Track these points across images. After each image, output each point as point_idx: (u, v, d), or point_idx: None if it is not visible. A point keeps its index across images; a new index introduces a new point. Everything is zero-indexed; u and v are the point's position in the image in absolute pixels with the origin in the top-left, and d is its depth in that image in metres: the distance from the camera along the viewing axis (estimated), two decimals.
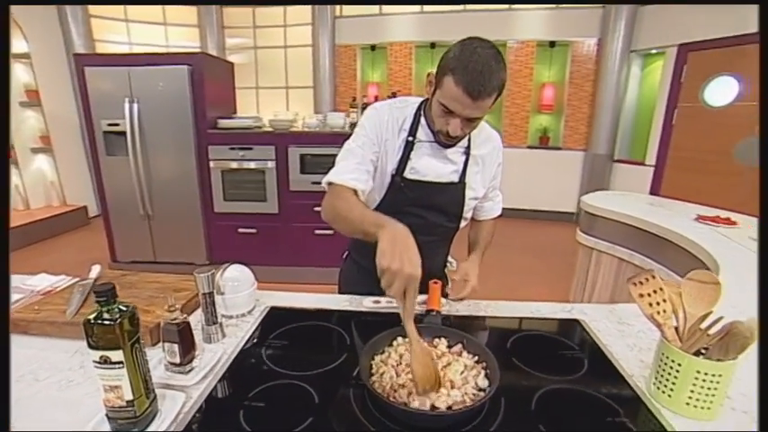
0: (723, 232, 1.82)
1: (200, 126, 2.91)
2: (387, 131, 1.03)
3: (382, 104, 1.07)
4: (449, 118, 0.90)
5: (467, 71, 0.82)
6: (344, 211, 0.93)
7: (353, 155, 1.02)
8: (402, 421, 0.63)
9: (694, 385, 0.65)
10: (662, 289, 0.72)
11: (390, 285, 0.71)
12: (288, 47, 5.52)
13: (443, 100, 0.87)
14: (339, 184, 0.98)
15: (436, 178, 1.05)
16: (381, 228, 0.79)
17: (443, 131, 0.93)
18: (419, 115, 1.03)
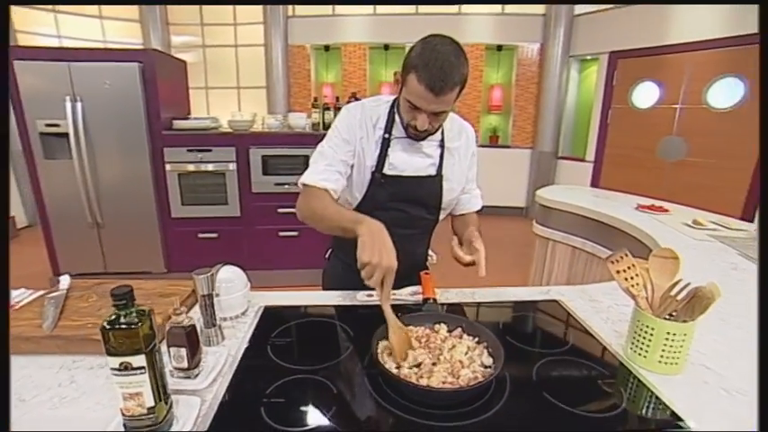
0: (660, 219, 2.05)
1: (153, 127, 2.75)
2: (360, 130, 1.06)
3: (355, 105, 1.11)
4: (415, 113, 0.94)
5: (427, 68, 0.86)
6: (320, 209, 1.00)
7: (324, 156, 1.06)
8: (423, 401, 0.67)
9: (665, 345, 0.75)
10: (634, 265, 0.82)
11: (370, 276, 0.81)
12: (239, 46, 5.34)
13: (409, 97, 0.92)
14: (311, 185, 1.03)
15: (414, 172, 1.09)
16: (359, 224, 0.87)
17: (412, 124, 0.98)
18: (393, 112, 1.07)
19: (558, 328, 0.95)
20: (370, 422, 0.65)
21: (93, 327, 0.85)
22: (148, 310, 0.59)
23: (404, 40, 5.29)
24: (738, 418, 0.66)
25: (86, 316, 0.91)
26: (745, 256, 1.50)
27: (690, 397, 0.71)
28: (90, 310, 0.94)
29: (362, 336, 0.89)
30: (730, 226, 1.93)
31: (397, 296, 1.08)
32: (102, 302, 0.98)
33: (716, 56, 3.83)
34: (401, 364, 0.74)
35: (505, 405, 0.67)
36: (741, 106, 3.73)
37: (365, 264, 0.80)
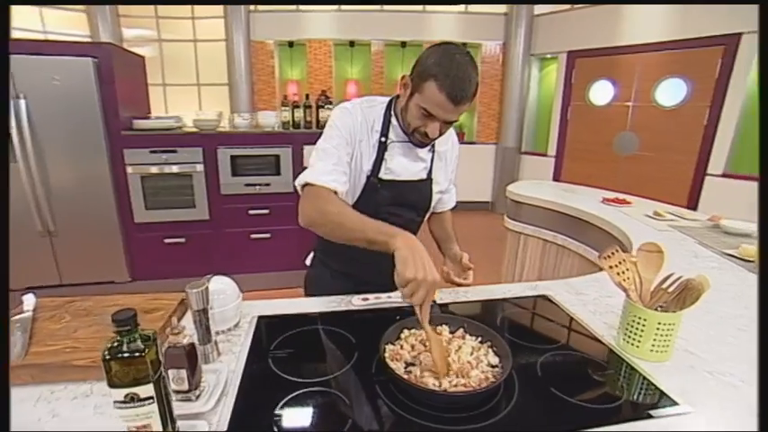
0: (624, 211, 2.17)
1: (111, 127, 2.57)
2: (360, 132, 1.03)
3: (353, 104, 1.06)
4: (428, 121, 0.93)
5: (449, 78, 0.86)
6: (337, 216, 0.91)
7: (329, 155, 1.00)
8: (439, 405, 0.67)
9: (656, 335, 0.80)
10: (624, 260, 0.86)
11: (414, 293, 0.74)
12: (198, 41, 5.10)
13: (425, 104, 0.91)
14: (319, 185, 0.96)
15: (409, 177, 1.09)
16: (393, 237, 0.80)
17: (421, 133, 0.97)
18: (389, 115, 1.05)
19: (551, 323, 0.99)
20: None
21: (73, 351, 0.79)
22: (153, 334, 0.55)
23: (369, 37, 5.27)
24: (725, 398, 0.72)
25: (62, 339, 0.83)
26: (703, 245, 1.63)
27: (680, 381, 0.76)
28: (65, 332, 0.86)
29: (366, 342, 0.88)
30: (685, 216, 2.08)
31: (392, 299, 1.08)
32: (78, 323, 0.90)
33: (662, 57, 4.10)
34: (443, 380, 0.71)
35: (518, 403, 0.69)
36: (684, 105, 4.03)
37: (409, 280, 0.73)
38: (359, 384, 0.74)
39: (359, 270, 1.17)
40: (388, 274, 1.16)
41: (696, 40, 3.85)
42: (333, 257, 1.21)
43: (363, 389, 0.73)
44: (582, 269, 2.27)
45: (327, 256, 1.23)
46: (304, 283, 1.29)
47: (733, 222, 1.85)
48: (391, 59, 5.53)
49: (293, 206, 3.23)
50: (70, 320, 0.92)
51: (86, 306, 0.99)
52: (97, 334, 0.85)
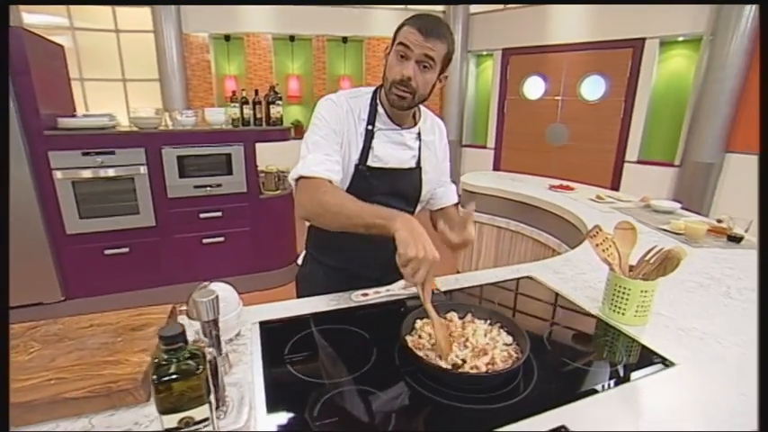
0: (570, 196, 2.39)
1: (30, 127, 2.25)
2: (347, 122, 1.04)
3: (338, 95, 1.07)
4: (404, 62, 0.95)
5: (419, 19, 0.93)
6: (335, 205, 0.91)
7: (319, 147, 1.00)
8: (472, 388, 0.70)
9: (639, 302, 0.91)
10: (607, 238, 0.96)
11: (416, 273, 0.77)
12: (120, 31, 4.62)
13: (400, 39, 0.94)
14: (314, 176, 0.96)
15: (398, 165, 1.10)
16: (392, 220, 0.82)
17: (398, 79, 0.96)
18: (375, 104, 1.06)
19: (540, 301, 1.07)
20: (432, 420, 0.66)
21: (59, 383, 0.68)
22: (201, 350, 0.51)
23: (309, 32, 5.16)
24: (698, 350, 0.84)
25: (38, 371, 0.71)
26: (642, 222, 1.85)
27: (661, 340, 0.87)
28: (39, 362, 0.74)
29: (381, 335, 0.89)
30: (621, 198, 2.34)
31: (391, 292, 1.09)
32: (52, 351, 0.78)
33: (584, 56, 4.53)
34: (449, 360, 0.75)
35: (540, 375, 0.75)
36: (604, 99, 4.50)
37: (410, 259, 0.75)
38: (389, 377, 0.75)
39: (351, 264, 1.17)
40: (379, 265, 1.19)
41: (610, 42, 4.31)
42: (325, 253, 1.20)
43: (394, 381, 0.74)
44: (536, 253, 2.46)
45: (320, 253, 1.21)
46: (296, 283, 1.26)
47: (660, 202, 2.13)
48: (333, 55, 5.47)
49: (247, 207, 3.09)
50: (41, 349, 0.79)
51: (56, 330, 0.87)
52: (81, 360, 0.75)
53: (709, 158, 3.81)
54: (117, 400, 0.67)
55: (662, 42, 4.09)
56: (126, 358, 0.75)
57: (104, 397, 0.67)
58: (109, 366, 0.73)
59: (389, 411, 0.67)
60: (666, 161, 4.18)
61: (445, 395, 0.69)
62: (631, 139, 4.32)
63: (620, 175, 4.41)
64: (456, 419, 0.65)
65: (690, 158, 3.90)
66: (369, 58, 5.45)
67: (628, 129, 4.31)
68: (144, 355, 0.76)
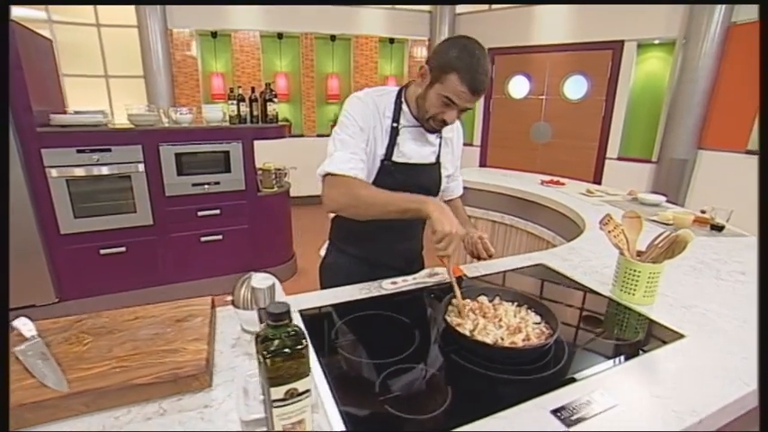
0: (562, 191, 2.50)
1: (23, 123, 2.20)
2: (373, 119, 1.10)
3: (366, 93, 1.13)
4: (447, 109, 1.03)
5: (470, 72, 0.97)
6: (369, 197, 1.01)
7: (346, 145, 1.07)
8: (515, 361, 0.77)
9: (647, 283, 1.00)
10: (617, 226, 1.05)
11: (448, 245, 0.91)
12: (102, 26, 4.48)
13: (446, 93, 1.00)
14: (341, 174, 1.03)
15: (420, 160, 1.17)
16: (425, 203, 0.94)
17: (438, 119, 1.06)
18: (399, 103, 1.13)
19: (556, 285, 1.15)
20: (482, 391, 0.73)
21: (123, 371, 0.71)
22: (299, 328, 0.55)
23: (298, 30, 5.14)
24: (702, 324, 0.93)
25: (100, 361, 0.74)
26: None
27: (667, 316, 0.96)
28: (98, 352, 0.77)
29: (419, 319, 0.95)
30: (609, 192, 2.47)
31: (418, 280, 1.15)
32: (107, 342, 0.80)
33: (567, 57, 4.70)
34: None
35: (569, 350, 0.82)
36: (586, 99, 4.68)
37: (446, 234, 0.89)
38: (436, 355, 0.81)
39: (375, 253, 1.24)
40: (401, 255, 1.27)
41: (591, 44, 4.49)
42: (350, 243, 1.25)
43: (441, 358, 0.80)
44: (530, 245, 2.57)
45: (345, 243, 1.27)
46: (320, 274, 1.31)
47: (646, 195, 2.26)
48: (321, 53, 5.47)
49: (246, 204, 3.11)
50: (94, 340, 0.81)
51: (102, 323, 0.89)
52: (138, 350, 0.78)
53: (684, 155, 4.03)
54: (183, 386, 0.70)
55: (639, 45, 4.29)
56: (182, 347, 0.78)
57: (171, 383, 0.70)
58: (168, 355, 0.76)
59: (444, 384, 0.73)
60: (644, 158, 4.39)
61: (490, 368, 0.75)
62: (612, 136, 4.52)
63: (602, 170, 4.61)
64: (502, 390, 0.72)
65: (666, 155, 4.12)
66: (357, 56, 5.48)
67: (608, 127, 4.51)
68: (199, 343, 0.79)
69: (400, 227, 1.20)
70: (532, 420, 0.64)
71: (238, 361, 0.80)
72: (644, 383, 0.73)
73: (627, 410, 0.66)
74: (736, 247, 1.51)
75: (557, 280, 1.18)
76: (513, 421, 0.63)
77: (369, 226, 1.07)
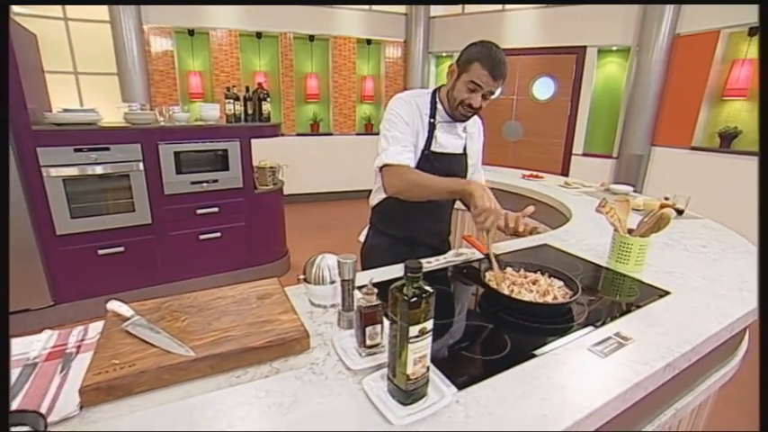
0: (543, 183, 2.76)
1: (17, 122, 2.15)
2: (415, 116, 1.30)
3: (407, 95, 1.34)
4: (473, 94, 1.22)
5: (489, 59, 1.18)
6: (422, 180, 1.21)
7: (397, 140, 1.26)
8: (552, 313, 0.96)
9: (638, 254, 1.22)
10: (612, 208, 1.27)
11: (487, 219, 1.10)
12: (70, 19, 4.31)
13: (471, 78, 1.19)
14: (398, 164, 1.23)
15: (452, 150, 1.38)
16: (468, 184, 1.14)
17: (465, 105, 1.24)
18: (434, 101, 1.33)
19: (564, 259, 1.36)
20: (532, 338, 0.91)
21: (234, 338, 0.81)
22: (424, 281, 0.67)
23: (276, 29, 5.16)
24: (682, 285, 1.16)
25: (206, 333, 0.84)
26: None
27: (654, 279, 1.19)
28: (199, 326, 0.86)
29: (460, 290, 1.12)
30: (585, 184, 2.76)
31: (447, 259, 1.32)
32: (201, 318, 0.89)
33: (535, 60, 5.05)
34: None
35: (587, 306, 1.02)
36: (553, 99, 5.05)
37: (485, 209, 1.06)
38: (487, 315, 0.99)
39: (413, 233, 1.42)
40: (436, 235, 1.46)
41: (558, 48, 4.85)
42: (393, 226, 1.42)
43: (489, 316, 0.98)
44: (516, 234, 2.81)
45: (388, 226, 1.43)
46: (361, 256, 1.45)
47: (616, 186, 2.56)
48: (300, 52, 5.52)
49: (243, 202, 3.18)
50: (189, 317, 0.90)
51: (189, 303, 0.95)
52: (237, 322, 0.87)
53: (640, 151, 4.47)
54: (288, 349, 0.82)
55: (599, 50, 4.70)
56: (276, 318, 0.90)
57: (279, 346, 0.81)
58: (266, 325, 0.87)
59: (501, 334, 0.90)
60: (606, 153, 4.82)
61: (532, 321, 0.94)
62: (577, 134, 4.91)
63: (569, 165, 4.99)
64: (545, 335, 0.90)
65: (624, 151, 4.55)
66: (335, 56, 5.58)
67: (574, 125, 4.90)
68: (290, 314, 0.91)
69: (434, 210, 1.38)
70: (576, 355, 0.82)
71: (321, 329, 0.92)
72: (648, 326, 0.94)
73: (641, 344, 0.86)
74: (695, 227, 1.80)
75: (561, 256, 1.39)
76: (563, 356, 0.81)
77: (408, 209, 1.28)
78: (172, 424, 0.64)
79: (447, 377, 0.73)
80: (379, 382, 0.72)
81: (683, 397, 1.03)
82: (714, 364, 1.14)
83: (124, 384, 0.71)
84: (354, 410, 0.67)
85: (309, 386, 0.73)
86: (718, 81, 4.01)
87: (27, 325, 2.35)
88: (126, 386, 0.71)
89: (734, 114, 4.01)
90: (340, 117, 5.91)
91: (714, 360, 1.12)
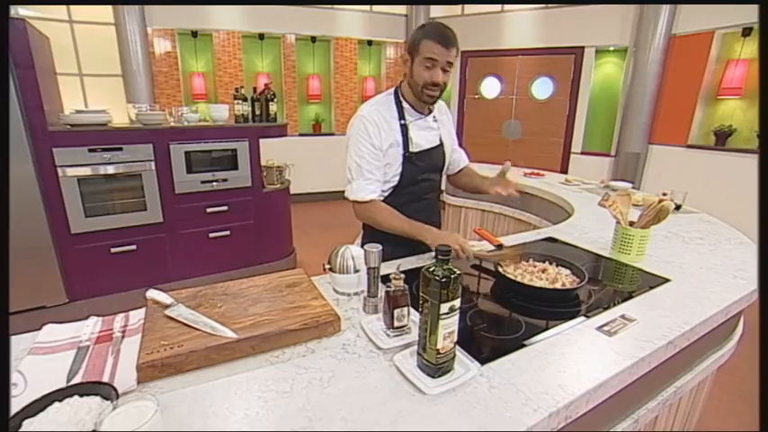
0: (544, 180, 2.84)
1: (34, 122, 2.21)
2: (383, 131, 1.28)
3: (368, 111, 1.29)
4: (432, 71, 1.21)
5: (436, 32, 1.19)
6: (384, 222, 1.29)
7: (360, 171, 1.28)
8: (561, 298, 1.03)
9: (639, 245, 1.30)
10: (614, 202, 1.34)
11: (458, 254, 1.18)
12: (75, 22, 4.35)
13: (426, 55, 1.19)
14: (360, 200, 1.29)
15: (429, 144, 1.38)
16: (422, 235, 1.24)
17: (429, 82, 1.22)
18: (399, 101, 1.32)
19: (569, 251, 1.43)
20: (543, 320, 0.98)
21: (272, 322, 0.87)
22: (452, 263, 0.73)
23: (279, 30, 5.22)
24: (680, 272, 1.24)
25: (245, 317, 0.90)
26: None
27: (655, 268, 1.26)
28: (236, 312, 0.92)
29: (468, 280, 1.19)
30: (585, 181, 2.84)
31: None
32: (236, 305, 0.95)
33: (534, 60, 5.13)
34: None
35: (593, 292, 1.09)
36: (552, 99, 5.13)
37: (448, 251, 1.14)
38: (501, 300, 1.06)
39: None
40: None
41: (556, 49, 4.93)
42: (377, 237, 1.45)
43: (504, 301, 1.05)
44: (517, 230, 2.89)
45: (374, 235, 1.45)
46: None
47: (616, 183, 2.64)
48: (302, 53, 5.57)
49: (252, 201, 3.23)
50: (224, 304, 0.96)
51: (222, 292, 1.01)
52: (272, 308, 0.93)
53: (637, 149, 4.56)
54: (322, 331, 0.89)
55: (597, 51, 4.78)
56: (307, 303, 0.96)
57: (314, 328, 0.88)
58: (299, 309, 0.94)
59: (514, 316, 0.97)
60: (604, 152, 4.91)
61: (543, 305, 1.01)
62: (575, 133, 5.00)
63: (568, 163, 5.08)
64: (556, 317, 0.97)
65: (622, 149, 4.64)
66: (337, 57, 5.64)
67: (572, 124, 4.99)
68: (321, 300, 0.98)
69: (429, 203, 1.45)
70: (585, 335, 0.89)
71: (348, 314, 0.99)
72: (651, 308, 1.01)
73: (645, 325, 0.93)
74: (693, 221, 1.88)
75: (566, 248, 1.46)
76: (572, 336, 0.89)
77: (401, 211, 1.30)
78: (223, 396, 0.71)
79: (470, 355, 0.80)
80: (408, 359, 0.79)
81: (683, 375, 1.10)
82: (711, 346, 1.22)
83: (176, 362, 0.78)
84: (388, 383, 0.74)
85: (344, 363, 0.80)
86: (712, 80, 4.11)
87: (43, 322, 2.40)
88: (177, 364, 0.78)
89: (728, 113, 4.10)
90: (342, 117, 5.96)
91: (711, 342, 1.20)
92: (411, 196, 1.38)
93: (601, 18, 4.62)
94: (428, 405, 0.68)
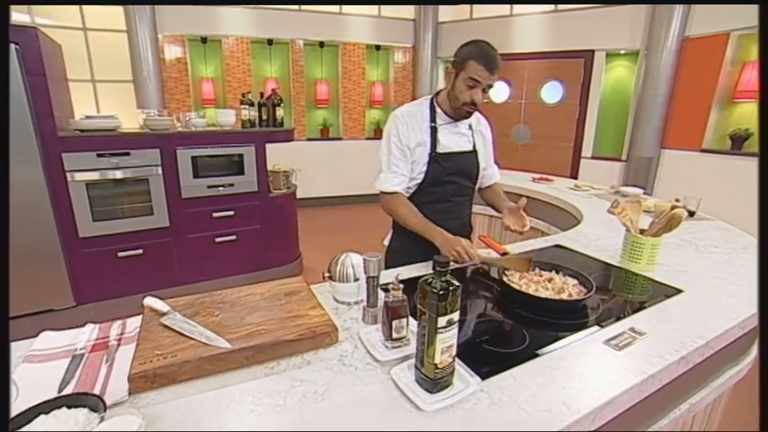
0: (553, 186, 2.79)
1: (44, 128, 2.24)
2: (412, 130, 1.36)
3: (402, 110, 1.40)
4: (473, 90, 1.27)
5: (483, 54, 1.24)
6: (402, 216, 1.37)
7: (388, 165, 1.37)
8: (568, 309, 1.00)
9: (650, 253, 1.25)
10: (624, 208, 1.30)
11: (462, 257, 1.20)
12: (89, 29, 4.43)
13: (469, 75, 1.25)
14: (386, 191, 1.37)
15: (458, 148, 1.42)
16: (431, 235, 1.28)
17: (468, 102, 1.29)
18: (434, 106, 1.39)
19: (577, 259, 1.39)
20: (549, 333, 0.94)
21: (267, 332, 0.85)
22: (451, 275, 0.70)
23: (287, 36, 5.26)
24: (693, 282, 1.19)
25: (240, 326, 0.88)
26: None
27: (666, 278, 1.22)
28: (232, 321, 0.90)
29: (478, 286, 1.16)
30: (594, 187, 2.78)
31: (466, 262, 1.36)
32: (234, 313, 0.94)
33: (543, 64, 5.08)
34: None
35: (602, 303, 1.05)
36: (562, 103, 5.07)
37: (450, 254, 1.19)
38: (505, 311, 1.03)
39: None
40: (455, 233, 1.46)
41: (565, 52, 4.88)
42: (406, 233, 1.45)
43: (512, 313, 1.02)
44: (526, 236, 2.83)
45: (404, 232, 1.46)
46: (385, 257, 1.49)
47: (627, 188, 2.58)
48: (310, 59, 5.61)
49: (258, 205, 3.24)
50: (222, 312, 0.94)
51: (219, 300, 1.00)
52: (269, 317, 0.91)
53: (649, 153, 4.47)
54: (318, 342, 0.86)
55: (607, 54, 4.72)
56: (305, 313, 0.94)
57: (310, 339, 0.86)
58: (296, 319, 0.91)
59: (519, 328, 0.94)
60: (615, 156, 4.82)
61: (548, 317, 0.97)
62: (586, 137, 4.93)
63: (578, 168, 5.01)
64: (562, 330, 0.93)
65: (634, 154, 4.55)
66: (344, 62, 5.66)
67: (582, 128, 4.92)
68: (318, 309, 0.95)
69: (450, 209, 1.43)
70: (592, 348, 0.86)
71: (347, 324, 0.97)
72: (661, 321, 0.97)
73: (656, 339, 0.89)
74: (707, 228, 1.82)
75: (574, 256, 1.42)
76: (580, 349, 0.85)
77: (424, 210, 1.35)
78: (215, 409, 0.69)
79: (471, 369, 0.77)
80: (406, 372, 0.76)
81: (698, 392, 1.05)
82: (727, 361, 1.17)
83: (168, 373, 0.76)
84: (384, 398, 0.71)
85: (340, 376, 0.77)
86: (728, 83, 4.01)
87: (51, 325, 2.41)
88: (170, 375, 0.76)
89: (745, 116, 4.00)
90: (349, 122, 5.97)
91: (727, 357, 1.15)
92: (435, 196, 1.42)
93: (611, 21, 4.56)
94: (425, 422, 0.66)
